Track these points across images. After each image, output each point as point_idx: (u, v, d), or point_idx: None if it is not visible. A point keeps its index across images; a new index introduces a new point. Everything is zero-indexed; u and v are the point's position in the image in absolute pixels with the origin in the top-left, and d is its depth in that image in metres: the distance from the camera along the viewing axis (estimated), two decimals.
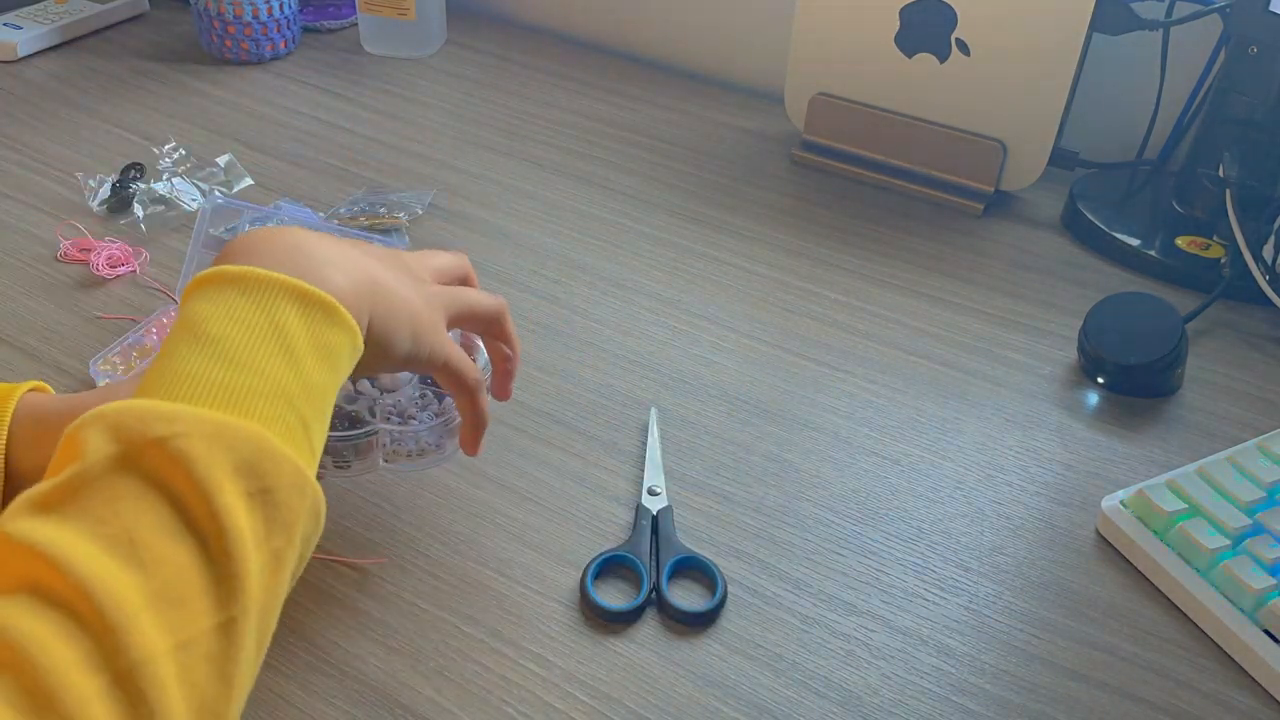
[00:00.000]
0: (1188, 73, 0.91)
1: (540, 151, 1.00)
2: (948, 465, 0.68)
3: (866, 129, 0.97)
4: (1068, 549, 0.62)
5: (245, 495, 0.37)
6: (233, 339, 0.41)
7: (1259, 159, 0.82)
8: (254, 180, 0.93)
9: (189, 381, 0.39)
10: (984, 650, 0.56)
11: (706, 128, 1.06)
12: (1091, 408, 0.73)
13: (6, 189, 0.90)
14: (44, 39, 1.13)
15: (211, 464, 0.37)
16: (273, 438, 0.39)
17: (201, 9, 1.11)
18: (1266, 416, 0.73)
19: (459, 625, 0.56)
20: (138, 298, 0.78)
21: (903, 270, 0.86)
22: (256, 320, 0.42)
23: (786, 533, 0.62)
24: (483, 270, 0.83)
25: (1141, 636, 0.58)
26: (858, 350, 0.77)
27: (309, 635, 0.55)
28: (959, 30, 0.89)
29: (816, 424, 0.70)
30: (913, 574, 0.60)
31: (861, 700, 0.53)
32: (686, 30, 1.18)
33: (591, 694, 0.53)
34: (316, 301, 0.44)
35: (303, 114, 1.05)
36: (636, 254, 0.86)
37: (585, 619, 0.57)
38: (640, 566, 0.58)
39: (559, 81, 1.14)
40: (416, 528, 0.61)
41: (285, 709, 0.52)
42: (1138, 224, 0.90)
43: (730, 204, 0.94)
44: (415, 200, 0.89)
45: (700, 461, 0.67)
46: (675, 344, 0.77)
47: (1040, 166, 0.92)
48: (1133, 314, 0.74)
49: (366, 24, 1.16)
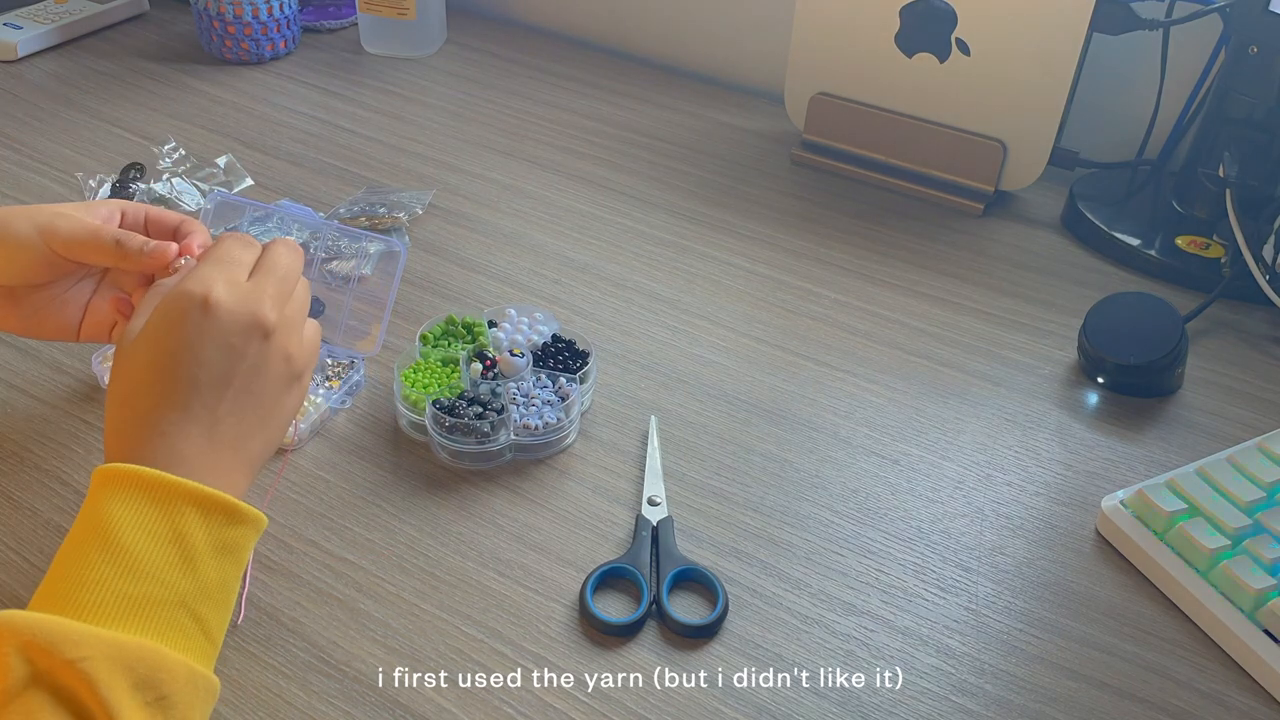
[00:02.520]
0: (1188, 73, 0.91)
1: (540, 151, 1.00)
2: (948, 465, 0.68)
3: (866, 129, 0.97)
4: (1068, 549, 0.62)
5: (144, 705, 0.43)
6: (137, 548, 0.46)
7: (1259, 159, 0.82)
8: (254, 180, 0.93)
9: (95, 590, 0.44)
10: (984, 650, 0.56)
11: (706, 128, 1.06)
12: (1091, 408, 0.73)
13: (6, 189, 0.90)
14: (44, 39, 1.13)
15: (113, 685, 0.42)
16: (167, 651, 0.44)
17: (201, 9, 1.11)
18: (1266, 416, 0.73)
19: (459, 625, 0.56)
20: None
21: (903, 270, 0.86)
22: (161, 529, 0.46)
23: (786, 533, 0.62)
24: (483, 270, 0.83)
25: (1141, 636, 0.58)
26: (858, 350, 0.77)
27: (309, 635, 0.55)
28: (959, 30, 0.89)
29: (816, 424, 0.70)
30: (913, 574, 0.60)
31: (861, 700, 0.53)
32: (686, 30, 1.18)
33: (591, 694, 0.53)
34: (218, 507, 0.48)
35: (303, 114, 1.05)
36: (636, 254, 0.86)
37: (585, 621, 0.57)
38: (640, 579, 0.58)
39: (559, 81, 1.14)
40: (416, 528, 0.61)
41: (285, 709, 0.52)
42: (1138, 224, 0.90)
43: (730, 204, 0.94)
44: (415, 200, 0.89)
45: (700, 461, 0.67)
46: (675, 344, 0.77)
47: (1040, 166, 0.92)
48: (1133, 314, 0.74)
49: (366, 24, 1.16)
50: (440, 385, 0.67)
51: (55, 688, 0.42)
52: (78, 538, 0.47)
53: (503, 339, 0.71)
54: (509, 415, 0.65)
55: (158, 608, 0.45)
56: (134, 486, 0.47)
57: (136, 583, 0.45)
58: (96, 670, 0.42)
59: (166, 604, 0.45)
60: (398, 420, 0.68)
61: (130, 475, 0.47)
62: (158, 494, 0.47)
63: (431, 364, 0.68)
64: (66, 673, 0.41)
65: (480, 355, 0.68)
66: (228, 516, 0.49)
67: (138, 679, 0.43)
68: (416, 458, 0.66)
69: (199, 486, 0.48)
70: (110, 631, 0.43)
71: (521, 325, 0.73)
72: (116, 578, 0.45)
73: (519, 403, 0.66)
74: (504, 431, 0.65)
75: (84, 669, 0.41)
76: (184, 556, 0.47)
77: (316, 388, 0.69)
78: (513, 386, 0.67)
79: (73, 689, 0.42)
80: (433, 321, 0.72)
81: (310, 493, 0.63)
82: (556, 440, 0.66)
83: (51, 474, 0.63)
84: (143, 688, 0.43)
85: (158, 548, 0.46)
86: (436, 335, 0.71)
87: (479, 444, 0.64)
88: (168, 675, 0.44)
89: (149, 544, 0.46)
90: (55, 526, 0.60)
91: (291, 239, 0.58)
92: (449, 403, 0.65)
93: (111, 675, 0.42)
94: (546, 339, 0.71)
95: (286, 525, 0.61)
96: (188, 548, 0.47)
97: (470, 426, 0.63)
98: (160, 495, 0.47)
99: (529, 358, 0.68)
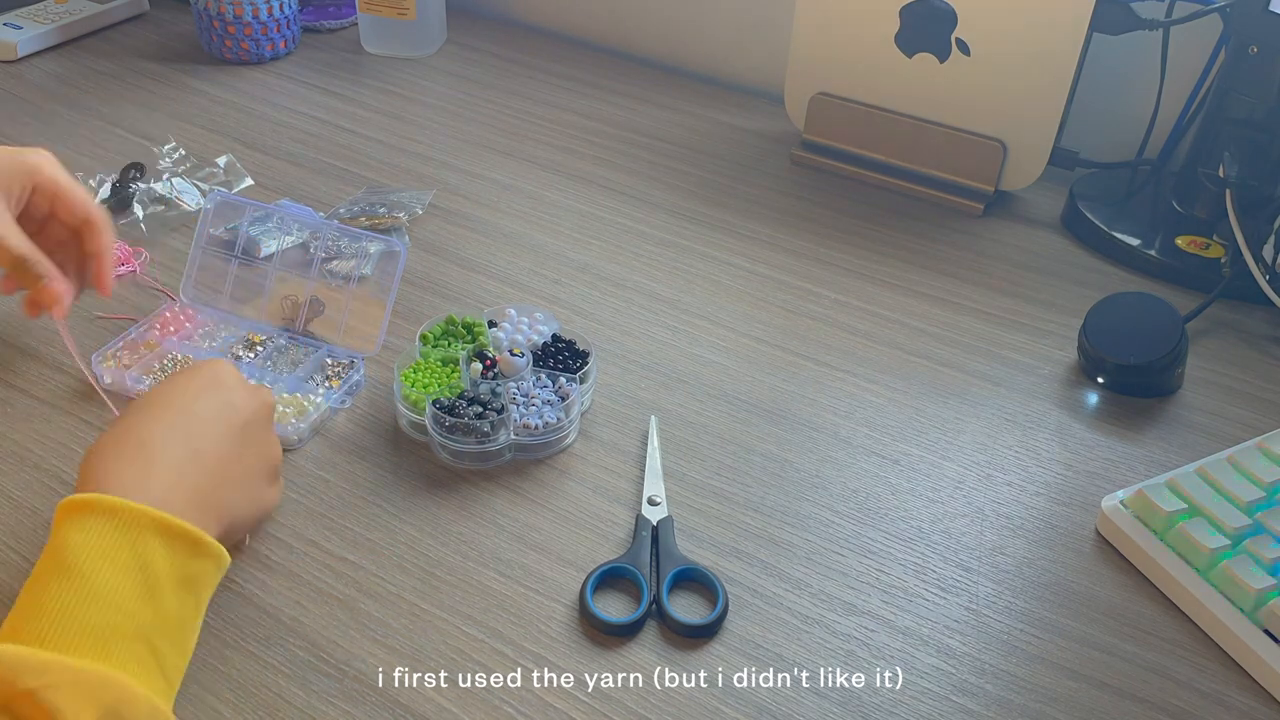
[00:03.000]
0: (1188, 73, 0.91)
1: (540, 151, 1.00)
2: (948, 465, 0.68)
3: (866, 129, 0.97)
4: (1068, 549, 0.62)
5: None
6: (99, 575, 0.45)
7: (1259, 159, 0.82)
8: (254, 180, 0.93)
9: (58, 619, 0.43)
10: (984, 650, 0.56)
11: (706, 128, 1.06)
12: (1091, 408, 0.73)
13: None
14: (44, 39, 1.13)
15: (78, 714, 0.41)
16: (130, 682, 0.43)
17: (201, 9, 1.11)
18: (1266, 416, 0.73)
19: (459, 625, 0.56)
20: (137, 298, 0.78)
21: (903, 270, 0.86)
22: (123, 557, 0.46)
23: (786, 533, 0.62)
24: (483, 270, 0.83)
25: (1141, 636, 0.58)
26: (858, 350, 0.77)
27: (309, 635, 0.55)
28: (959, 30, 0.89)
29: (816, 424, 0.70)
30: (913, 574, 0.60)
31: (861, 700, 0.53)
32: (686, 30, 1.18)
33: (591, 694, 0.53)
34: (181, 535, 0.48)
35: (303, 114, 1.05)
36: (636, 254, 0.86)
37: (585, 620, 0.57)
38: (640, 578, 0.58)
39: (559, 81, 1.14)
40: (417, 528, 0.61)
41: (285, 709, 0.52)
42: (1138, 224, 0.90)
43: (730, 204, 0.94)
44: (415, 200, 0.89)
45: (700, 462, 0.67)
46: (675, 344, 0.77)
47: (1040, 166, 0.92)
48: (1133, 314, 0.74)
49: (366, 24, 1.16)
50: (440, 385, 0.67)
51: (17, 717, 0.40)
52: (41, 568, 0.46)
53: (503, 339, 0.71)
54: (509, 415, 0.65)
55: (119, 638, 0.44)
56: (96, 514, 0.47)
57: (98, 611, 0.44)
58: (59, 698, 0.40)
59: (128, 635, 0.45)
60: (398, 420, 0.68)
61: (93, 503, 0.47)
62: (120, 521, 0.47)
63: (431, 364, 0.68)
64: (26, 703, 0.40)
65: (480, 355, 0.68)
66: (192, 548, 0.48)
67: (104, 710, 0.42)
68: (416, 458, 0.66)
69: (164, 515, 0.48)
70: (73, 659, 0.42)
71: (521, 325, 0.73)
72: (77, 604, 0.44)
73: (519, 403, 0.66)
74: (504, 431, 0.65)
75: (45, 697, 0.40)
76: (147, 586, 0.46)
77: (316, 387, 0.69)
78: (513, 386, 0.67)
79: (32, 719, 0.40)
80: (433, 321, 0.72)
81: (310, 493, 0.63)
82: (556, 440, 0.66)
83: (51, 474, 0.63)
84: (107, 715, 0.42)
85: (119, 576, 0.45)
86: (436, 335, 0.71)
87: (479, 444, 0.64)
88: (129, 709, 0.43)
89: (110, 571, 0.45)
90: None
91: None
92: (449, 403, 0.65)
93: (75, 704, 0.41)
94: (546, 339, 0.71)
95: (286, 525, 0.61)
96: (150, 576, 0.46)
97: (470, 426, 0.64)
98: (123, 522, 0.47)
99: (529, 358, 0.68)
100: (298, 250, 0.81)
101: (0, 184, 0.63)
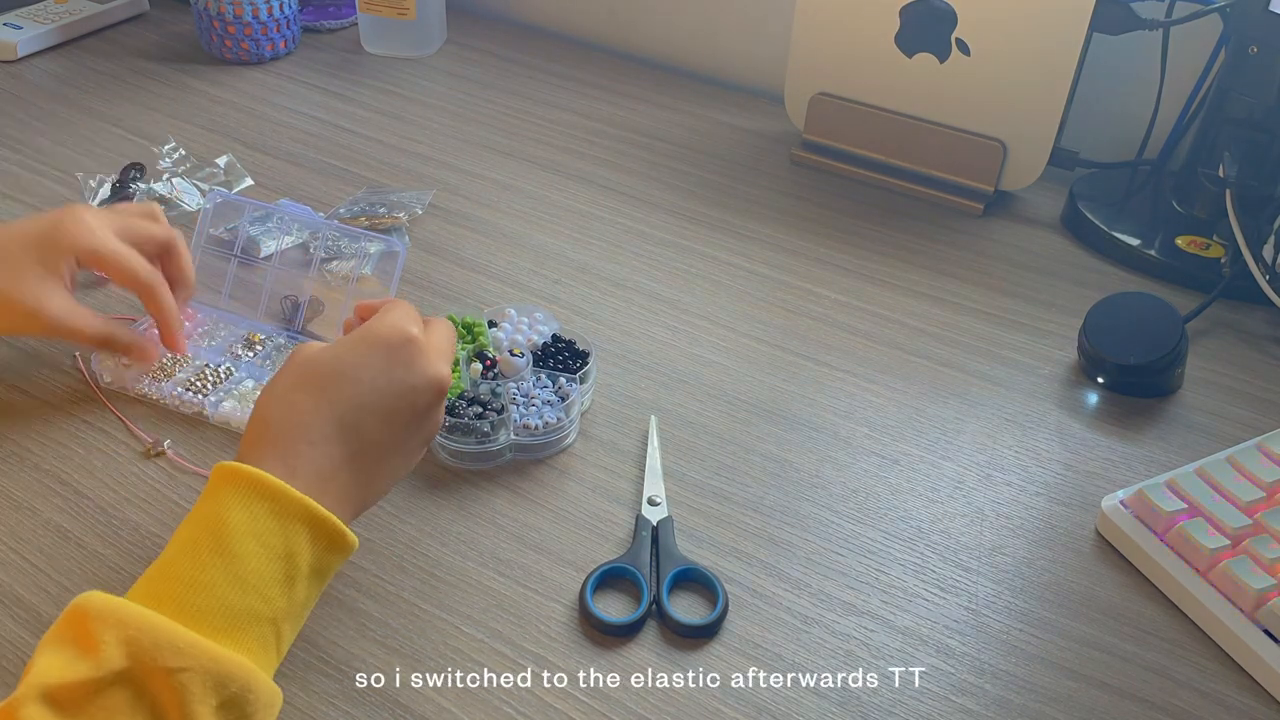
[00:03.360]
0: (1188, 73, 0.91)
1: (540, 151, 1.00)
2: (948, 465, 0.68)
3: (866, 129, 0.97)
4: (1068, 549, 0.62)
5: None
6: (250, 558, 0.46)
7: (1259, 159, 0.82)
8: (254, 180, 0.93)
9: (205, 594, 0.45)
10: (983, 650, 0.56)
11: (706, 128, 1.06)
12: (1091, 408, 0.73)
13: (6, 189, 0.90)
14: (44, 39, 1.13)
15: (204, 699, 0.42)
16: (258, 671, 0.44)
17: (201, 9, 1.11)
18: (1266, 416, 0.73)
19: (459, 625, 0.56)
20: (137, 298, 0.78)
21: (903, 270, 0.86)
22: (275, 541, 0.47)
23: (786, 533, 0.62)
24: (483, 270, 0.83)
25: (1141, 636, 0.58)
26: (858, 350, 0.77)
27: (309, 635, 0.55)
28: (959, 30, 0.89)
29: (816, 424, 0.70)
30: (913, 574, 0.60)
31: (861, 700, 0.53)
32: (686, 30, 1.18)
33: (591, 694, 0.53)
34: (329, 534, 0.49)
35: (303, 114, 1.05)
36: (636, 254, 0.86)
37: (585, 621, 0.57)
38: (640, 578, 0.58)
39: (559, 81, 1.14)
40: (417, 528, 0.61)
41: (285, 709, 0.51)
42: (1138, 224, 0.90)
43: (730, 204, 0.94)
44: (415, 200, 0.89)
45: (700, 461, 0.67)
46: (675, 344, 0.77)
47: (1040, 166, 0.92)
48: (1133, 314, 0.74)
49: (366, 24, 1.16)
50: None
51: (142, 691, 0.42)
52: (193, 535, 0.47)
53: (503, 339, 0.71)
54: (509, 415, 0.65)
55: (256, 624, 0.46)
56: (256, 494, 0.47)
57: (243, 595, 0.45)
58: (191, 684, 0.42)
59: (263, 620, 0.46)
60: None
61: (254, 480, 0.47)
62: (279, 506, 0.47)
63: None
64: (160, 680, 0.42)
65: (480, 355, 0.68)
66: (332, 543, 0.49)
67: (226, 698, 0.43)
68: None
69: (317, 507, 0.48)
70: (213, 645, 0.43)
71: (521, 325, 0.73)
72: (226, 584, 0.45)
73: (519, 403, 0.66)
74: (504, 431, 0.65)
75: (180, 681, 0.42)
76: (288, 575, 0.47)
77: None
78: (513, 386, 0.67)
79: (159, 697, 0.42)
80: None
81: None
82: (556, 440, 0.66)
83: (51, 474, 0.63)
84: (228, 707, 0.43)
85: (268, 562, 0.46)
86: None
87: (479, 444, 0.64)
88: (254, 696, 0.44)
89: (261, 556, 0.46)
90: (55, 526, 0.60)
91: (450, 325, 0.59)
92: (449, 403, 0.65)
93: (204, 691, 0.42)
94: (546, 339, 0.71)
95: None
96: (293, 567, 0.47)
97: (470, 426, 0.64)
98: (280, 508, 0.47)
99: (529, 358, 0.68)
100: (297, 250, 0.81)
101: (49, 267, 0.63)
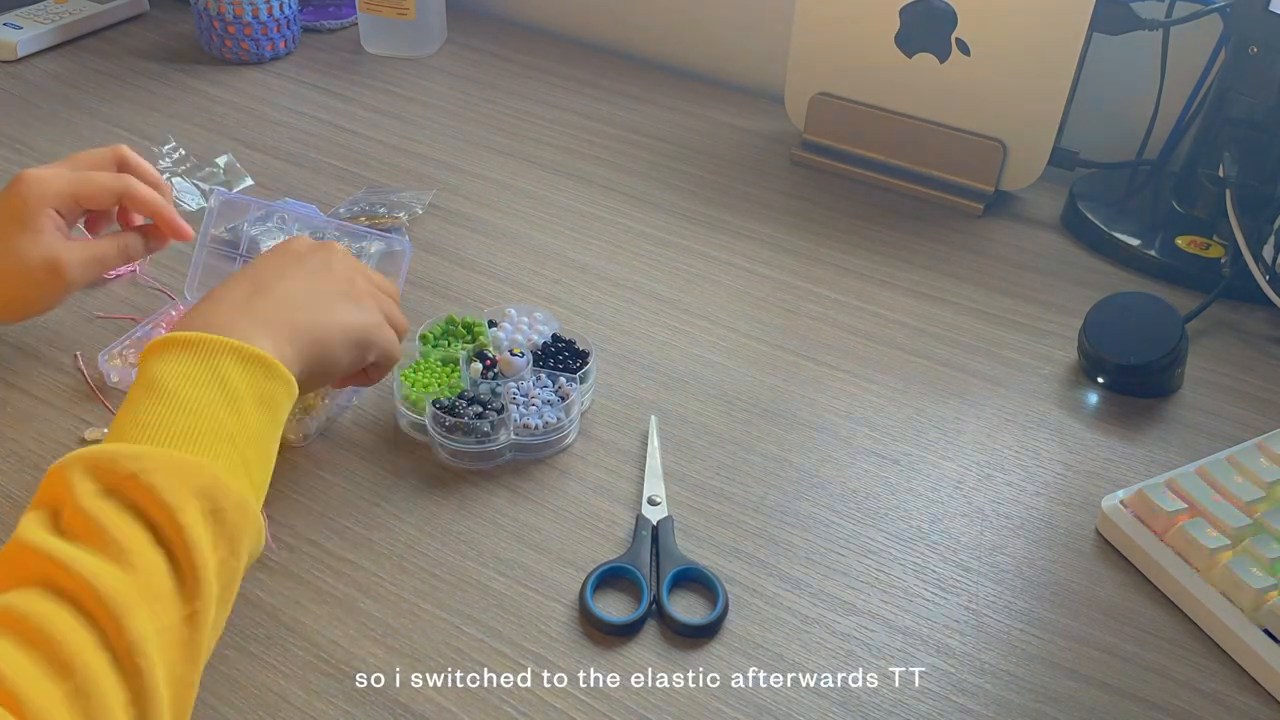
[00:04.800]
0: (1188, 73, 0.91)
1: (540, 151, 1.00)
2: (948, 465, 0.68)
3: (866, 129, 0.97)
4: (1068, 549, 0.62)
5: (203, 514, 0.45)
6: (184, 392, 0.49)
7: (1259, 159, 0.82)
8: (254, 180, 0.93)
9: (149, 428, 0.47)
10: (983, 650, 0.56)
11: (706, 128, 1.06)
12: (1091, 408, 0.73)
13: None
14: (44, 39, 1.13)
15: (175, 490, 0.45)
16: (220, 471, 0.47)
17: (201, 9, 1.11)
18: (1266, 416, 0.73)
19: (459, 625, 0.56)
20: (138, 298, 0.78)
21: (903, 270, 0.86)
22: (203, 376, 0.50)
23: (786, 533, 0.62)
24: (483, 270, 0.83)
25: (1141, 636, 0.58)
26: (858, 350, 0.77)
27: (309, 635, 0.55)
28: (959, 30, 0.89)
29: (816, 424, 0.70)
30: (913, 574, 0.60)
31: (861, 700, 0.53)
32: (686, 30, 1.18)
33: (591, 694, 0.53)
34: (254, 358, 0.52)
35: (303, 114, 1.05)
36: (636, 254, 0.86)
37: (585, 620, 0.57)
38: (640, 578, 0.58)
39: (559, 81, 1.14)
40: (417, 528, 0.61)
41: (285, 709, 0.52)
42: (1138, 224, 0.90)
43: (730, 204, 0.94)
44: (415, 200, 0.89)
45: (700, 461, 0.67)
46: (675, 344, 0.77)
47: (1040, 166, 0.92)
48: (1133, 314, 0.74)
49: (366, 24, 1.16)
50: (440, 385, 0.67)
51: (118, 495, 0.44)
52: (130, 398, 0.50)
53: (503, 339, 0.71)
54: (509, 415, 0.65)
55: (209, 439, 0.48)
56: (175, 346, 0.51)
57: (187, 417, 0.48)
58: (154, 478, 0.44)
59: (217, 437, 0.48)
60: (398, 420, 0.68)
61: (169, 339, 0.51)
62: (197, 350, 0.51)
63: (431, 364, 0.68)
64: (130, 485, 0.44)
65: (480, 355, 0.68)
66: (265, 370, 0.52)
67: (196, 487, 0.45)
68: (416, 458, 0.66)
69: (235, 340, 0.52)
70: (168, 449, 0.46)
71: (521, 325, 0.73)
72: (169, 414, 0.48)
73: (519, 402, 0.66)
74: (504, 431, 0.65)
75: (145, 480, 0.44)
76: (228, 398, 0.50)
77: None
78: (513, 386, 0.67)
79: (138, 499, 0.44)
80: (433, 321, 0.72)
81: (310, 492, 0.63)
82: (556, 440, 0.66)
83: None
84: (201, 496, 0.45)
85: (204, 391, 0.49)
86: (436, 335, 0.71)
87: (479, 444, 0.64)
88: (221, 493, 0.46)
89: (195, 389, 0.49)
90: None
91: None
92: (449, 403, 0.65)
93: (171, 482, 0.45)
94: (546, 339, 0.71)
95: (286, 525, 0.61)
96: (230, 391, 0.50)
97: (470, 426, 0.64)
98: (199, 350, 0.51)
99: (529, 357, 0.68)
100: None
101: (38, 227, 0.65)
